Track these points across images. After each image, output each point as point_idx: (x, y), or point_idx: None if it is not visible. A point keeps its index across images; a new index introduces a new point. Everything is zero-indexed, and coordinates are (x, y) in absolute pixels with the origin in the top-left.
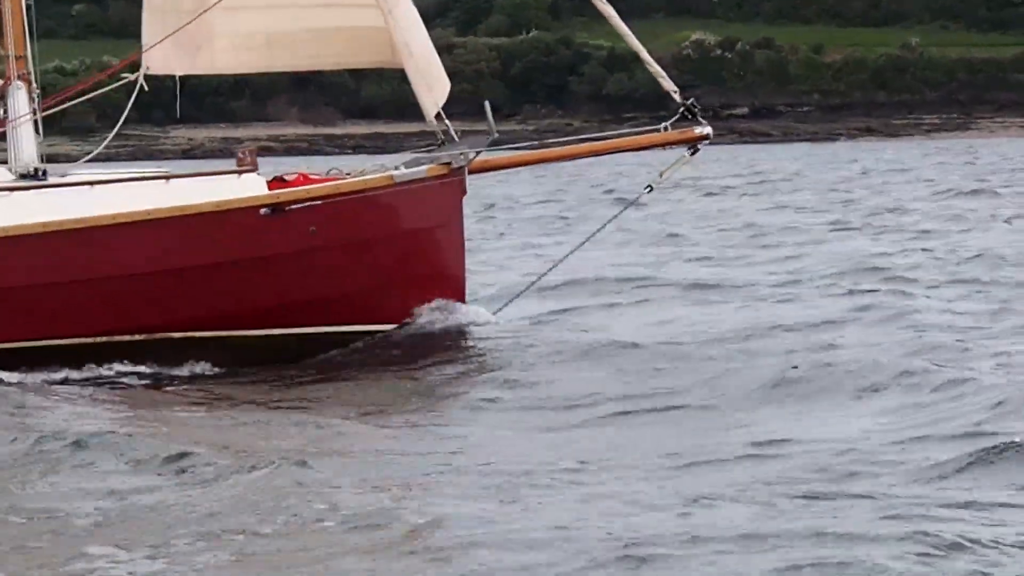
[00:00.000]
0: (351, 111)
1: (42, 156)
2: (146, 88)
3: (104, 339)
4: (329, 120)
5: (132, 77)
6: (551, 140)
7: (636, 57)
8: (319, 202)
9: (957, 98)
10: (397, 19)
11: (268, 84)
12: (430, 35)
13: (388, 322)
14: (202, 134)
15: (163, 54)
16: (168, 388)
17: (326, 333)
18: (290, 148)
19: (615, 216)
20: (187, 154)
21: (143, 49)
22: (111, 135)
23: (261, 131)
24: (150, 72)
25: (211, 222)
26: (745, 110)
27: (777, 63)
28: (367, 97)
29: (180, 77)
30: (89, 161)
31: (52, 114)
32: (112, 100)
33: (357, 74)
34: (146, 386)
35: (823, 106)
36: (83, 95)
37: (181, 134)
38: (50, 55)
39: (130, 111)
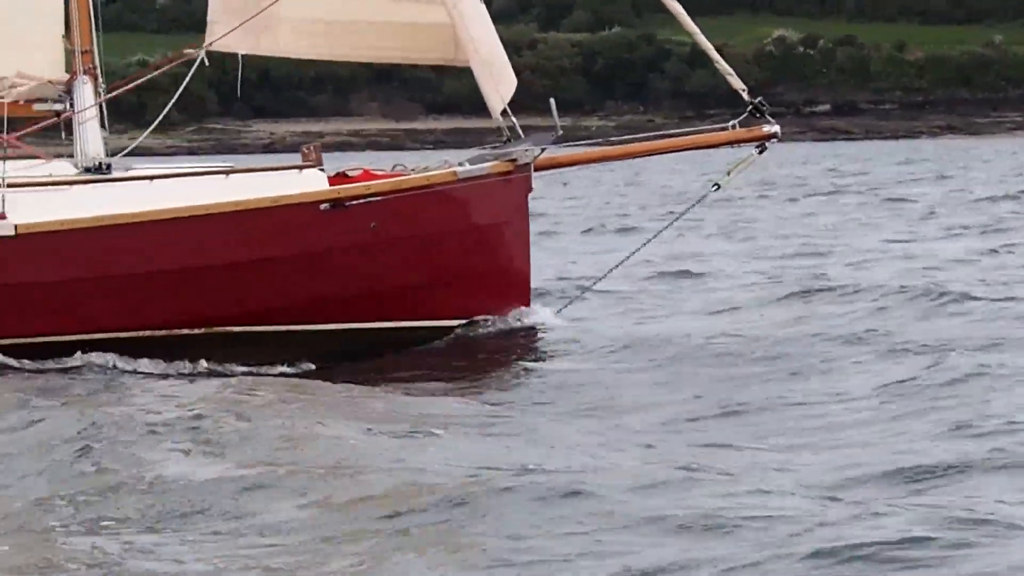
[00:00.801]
0: (432, 106)
1: (108, 149)
2: (207, 63)
3: (163, 333)
4: (410, 115)
5: (193, 53)
6: (616, 138)
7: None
8: (380, 198)
9: None
10: (463, 13)
11: (349, 78)
12: (512, 31)
13: (448, 319)
14: (283, 128)
15: (227, 32)
16: (225, 382)
17: (386, 329)
18: (371, 143)
19: (682, 214)
20: (268, 148)
21: (208, 26)
22: (159, 118)
23: (342, 126)
24: (212, 49)
25: (270, 217)
26: (827, 107)
27: (859, 60)
28: (448, 92)
29: (249, 59)
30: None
31: (135, 109)
32: (193, 92)
33: (438, 68)
34: (202, 380)
35: (905, 104)
36: (138, 79)
37: (262, 128)
38: (133, 49)
39: (212, 105)
